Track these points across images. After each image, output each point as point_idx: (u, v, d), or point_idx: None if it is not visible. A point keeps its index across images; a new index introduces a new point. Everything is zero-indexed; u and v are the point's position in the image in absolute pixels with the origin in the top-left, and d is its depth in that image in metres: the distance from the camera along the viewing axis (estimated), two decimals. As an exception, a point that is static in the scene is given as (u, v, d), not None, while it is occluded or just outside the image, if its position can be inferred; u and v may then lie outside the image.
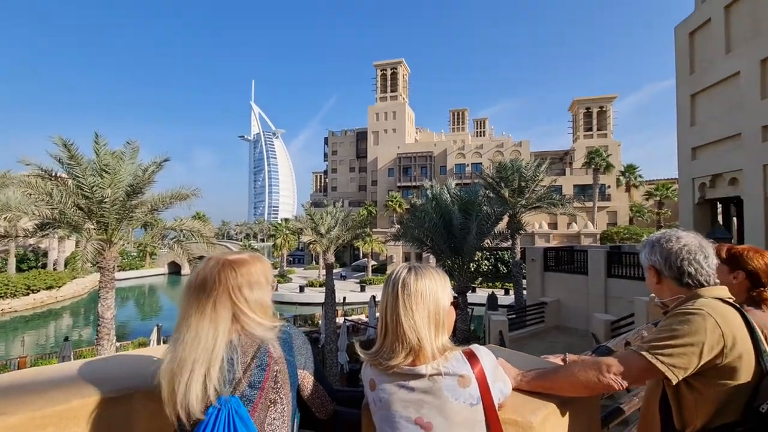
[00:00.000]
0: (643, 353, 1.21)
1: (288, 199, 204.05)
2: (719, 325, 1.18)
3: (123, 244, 12.41)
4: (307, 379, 1.20)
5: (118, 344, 15.13)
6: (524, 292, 19.80)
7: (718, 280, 1.35)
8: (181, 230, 13.23)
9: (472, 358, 1.05)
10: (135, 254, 55.27)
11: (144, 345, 19.08)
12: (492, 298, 18.42)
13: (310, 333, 22.24)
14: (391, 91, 57.13)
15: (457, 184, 28.42)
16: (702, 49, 12.13)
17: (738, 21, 10.66)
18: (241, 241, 72.46)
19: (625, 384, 1.22)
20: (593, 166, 42.04)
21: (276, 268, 47.31)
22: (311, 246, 22.38)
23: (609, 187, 44.04)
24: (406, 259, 42.77)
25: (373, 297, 22.99)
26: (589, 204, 41.64)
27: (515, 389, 1.25)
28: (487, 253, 36.35)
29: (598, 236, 37.58)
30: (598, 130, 48.43)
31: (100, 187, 10.73)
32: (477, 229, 13.94)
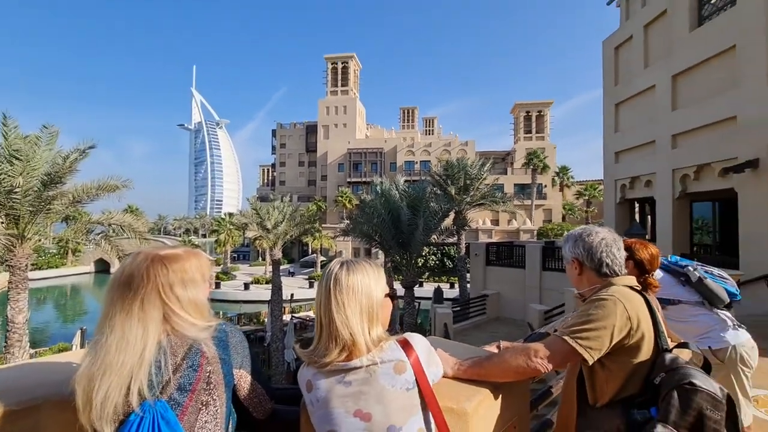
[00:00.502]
0: (565, 338, 1.31)
1: (233, 192, 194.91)
2: (627, 310, 1.31)
3: (39, 240, 11.10)
4: (243, 379, 1.15)
5: (32, 351, 13.56)
6: (468, 285, 20.69)
7: (626, 270, 1.50)
8: (110, 224, 12.10)
9: (406, 345, 1.07)
10: (55, 251, 49.66)
11: (66, 351, 17.30)
12: (438, 291, 19.03)
13: (256, 331, 21.53)
14: (342, 86, 56.58)
15: (406, 181, 28.79)
16: (625, 63, 13.38)
17: (655, 39, 11.88)
18: (180, 236, 68.00)
19: (549, 367, 1.31)
20: (532, 167, 44.89)
21: (219, 265, 45.12)
22: (257, 242, 21.58)
23: (545, 186, 47.26)
24: (356, 254, 42.81)
25: (322, 293, 22.75)
26: (528, 202, 44.50)
27: (453, 378, 1.30)
28: (434, 249, 37.46)
29: (535, 232, 40.19)
30: (536, 132, 51.69)
31: (9, 176, 9.46)
32: (424, 225, 14.30)
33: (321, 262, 42.92)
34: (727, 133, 9.18)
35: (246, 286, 36.47)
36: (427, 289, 30.32)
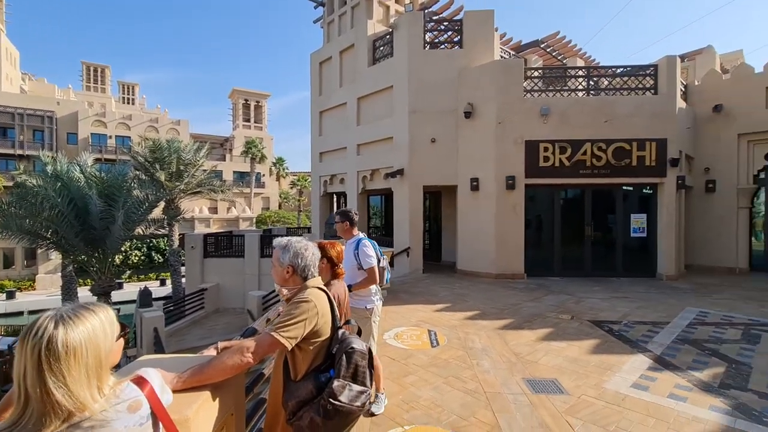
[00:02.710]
0: (272, 333, 1.73)
1: None
2: (316, 306, 1.86)
3: None
4: None
5: None
6: (183, 280, 19.05)
7: (322, 264, 2.10)
8: None
9: (141, 382, 1.08)
10: None
11: None
12: (144, 293, 16.46)
13: None
14: (-32, 7, 37.47)
15: (97, 160, 23.08)
16: (327, 78, 15.86)
17: (347, 65, 14.69)
18: None
19: (260, 358, 1.69)
20: (251, 156, 45.61)
21: None
22: None
23: (264, 175, 49.17)
24: (6, 257, 30.24)
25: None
26: (247, 190, 45.15)
27: (176, 391, 1.37)
28: (139, 243, 31.85)
29: (254, 220, 41.39)
30: (255, 122, 52.65)
31: None
32: (125, 217, 11.96)
33: (-70, 274, 27.62)
34: (388, 149, 12.70)
35: None
36: (129, 290, 25.58)
